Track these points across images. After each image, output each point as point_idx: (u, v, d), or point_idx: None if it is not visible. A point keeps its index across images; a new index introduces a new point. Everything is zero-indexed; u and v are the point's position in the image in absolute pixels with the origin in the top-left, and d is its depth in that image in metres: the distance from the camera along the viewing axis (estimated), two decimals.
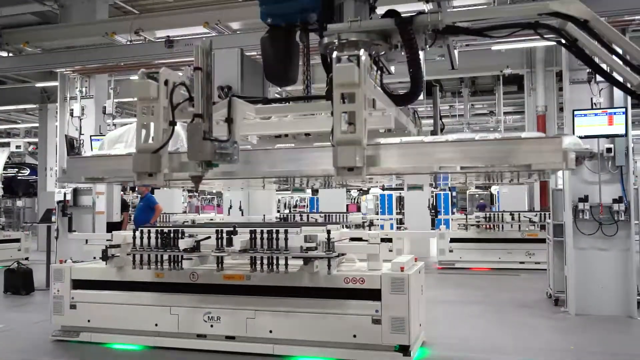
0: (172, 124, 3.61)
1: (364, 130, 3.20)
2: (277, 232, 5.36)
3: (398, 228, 15.62)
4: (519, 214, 12.59)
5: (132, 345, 6.11)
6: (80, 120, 9.49)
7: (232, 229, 5.50)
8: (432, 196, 19.76)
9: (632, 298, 7.42)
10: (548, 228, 8.74)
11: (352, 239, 6.32)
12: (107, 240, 6.25)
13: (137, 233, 5.82)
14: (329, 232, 5.35)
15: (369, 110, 3.39)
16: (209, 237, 5.62)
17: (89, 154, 5.20)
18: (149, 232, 5.80)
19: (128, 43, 8.37)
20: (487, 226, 12.74)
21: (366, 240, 5.92)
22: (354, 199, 33.20)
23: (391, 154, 3.52)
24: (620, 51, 3.77)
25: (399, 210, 19.94)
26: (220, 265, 5.56)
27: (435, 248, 13.66)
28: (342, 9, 3.92)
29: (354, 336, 5.44)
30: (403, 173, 4.17)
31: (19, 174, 15.30)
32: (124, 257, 6.04)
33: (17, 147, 13.96)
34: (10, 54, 9.14)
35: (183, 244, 5.53)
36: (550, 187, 8.95)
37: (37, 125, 18.61)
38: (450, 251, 12.82)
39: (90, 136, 9.47)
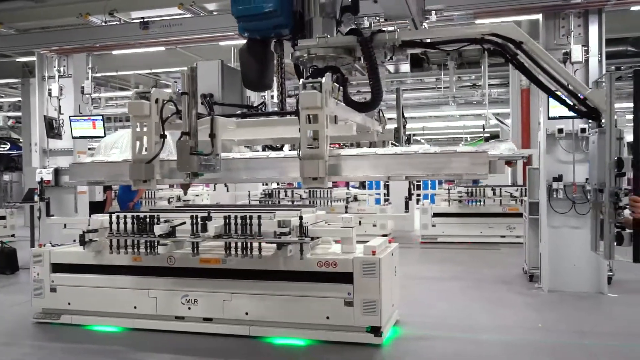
0: (163, 136, 4.19)
1: (326, 145, 3.77)
2: (251, 217, 5.44)
3: (386, 202, 15.77)
4: (500, 189, 12.74)
5: (112, 327, 6.23)
6: (59, 100, 9.41)
7: (206, 214, 5.57)
8: None
9: (602, 275, 7.62)
10: (525, 205, 8.88)
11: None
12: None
13: (114, 218, 5.88)
14: (301, 217, 5.43)
15: (331, 127, 3.99)
16: (184, 223, 5.69)
17: (89, 159, 5.45)
18: (125, 217, 5.86)
19: (103, 24, 8.28)
20: (469, 201, 12.90)
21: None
22: None
23: (349, 164, 4.08)
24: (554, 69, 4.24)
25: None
26: (195, 250, 5.64)
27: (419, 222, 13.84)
28: (312, 24, 4.37)
29: (327, 318, 5.58)
30: (360, 180, 4.84)
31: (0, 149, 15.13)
32: (102, 241, 6.11)
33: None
34: None
35: (158, 229, 5.60)
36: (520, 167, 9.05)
37: (20, 99, 18.41)
38: (433, 226, 12.99)
39: (70, 116, 9.42)
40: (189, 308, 5.99)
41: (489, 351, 5.46)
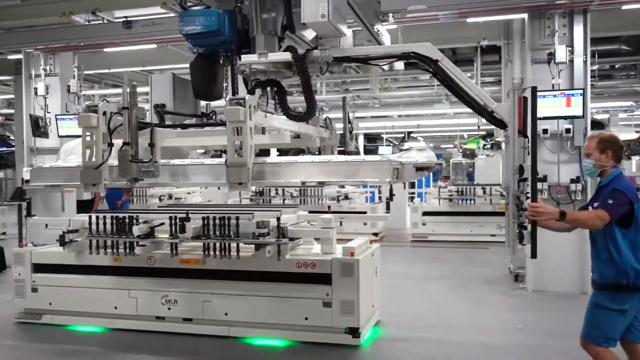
0: (110, 145, 4.57)
1: (249, 154, 4.22)
2: (229, 218, 5.43)
3: (380, 199, 15.75)
4: (490, 188, 12.73)
5: (93, 327, 6.24)
6: (45, 98, 9.38)
7: (184, 215, 5.56)
8: None
9: (586, 275, 7.60)
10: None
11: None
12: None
13: (93, 219, 5.87)
14: (278, 218, 5.42)
15: (263, 136, 4.68)
16: (163, 224, 5.68)
17: (48, 165, 5.77)
18: (105, 217, 5.85)
19: (86, 23, 8.25)
20: (460, 199, 12.90)
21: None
22: None
23: (271, 170, 4.49)
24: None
25: None
26: (175, 251, 5.63)
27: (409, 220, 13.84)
28: (255, 40, 4.74)
29: (306, 318, 5.59)
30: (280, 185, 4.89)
31: None
32: (82, 241, 6.10)
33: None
34: None
35: (137, 230, 5.59)
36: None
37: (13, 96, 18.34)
38: (423, 224, 13.00)
39: (56, 115, 9.40)
40: (169, 308, 5.99)
41: (466, 353, 5.47)
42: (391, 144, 27.88)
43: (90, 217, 5.91)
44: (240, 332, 5.80)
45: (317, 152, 6.27)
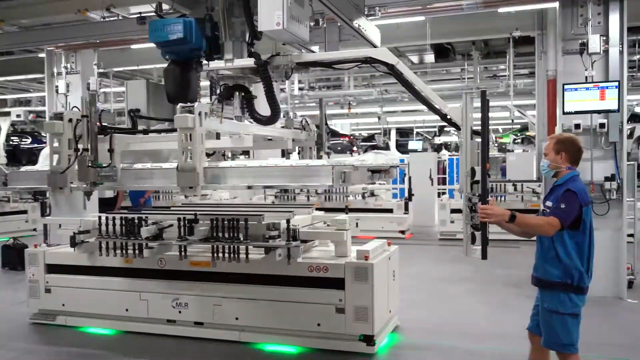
0: (76, 150, 4.77)
1: (199, 159, 4.38)
2: (238, 220, 5.24)
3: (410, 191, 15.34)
4: (522, 184, 12.24)
5: (105, 330, 6.15)
6: (66, 97, 9.39)
7: (193, 216, 5.39)
8: (442, 161, 19.34)
9: (622, 279, 7.18)
10: (540, 206, 8.45)
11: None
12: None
13: (103, 219, 5.76)
14: (288, 220, 5.20)
15: (213, 143, 4.95)
16: (171, 225, 5.53)
17: (24, 168, 6.15)
18: (114, 218, 5.73)
19: (102, 20, 8.17)
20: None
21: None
22: None
23: (223, 174, 4.64)
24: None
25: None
26: (184, 254, 5.47)
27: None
28: (224, 46, 4.91)
29: (318, 325, 5.36)
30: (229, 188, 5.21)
31: (22, 142, 15.37)
32: (93, 242, 6.00)
33: (18, 116, 13.91)
34: None
35: (145, 232, 5.44)
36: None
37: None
38: (452, 222, 12.58)
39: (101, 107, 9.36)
40: (180, 312, 5.85)
41: None
42: (423, 138, 27.40)
43: (99, 218, 5.80)
44: (251, 338, 5.61)
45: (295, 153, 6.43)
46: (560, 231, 3.53)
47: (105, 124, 4.99)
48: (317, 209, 12.87)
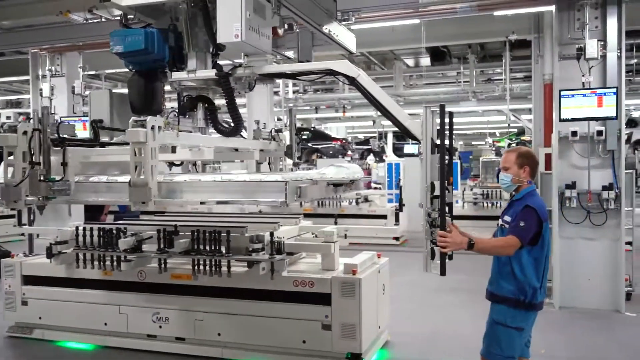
0: (32, 163, 4.63)
1: (151, 174, 4.23)
2: (219, 232, 5.00)
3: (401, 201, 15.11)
4: None
5: (84, 344, 5.91)
6: (51, 100, 9.14)
7: (173, 228, 5.16)
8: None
9: (620, 291, 6.96)
10: None
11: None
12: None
13: (80, 230, 5.52)
14: (271, 233, 4.97)
15: (162, 157, 4.64)
16: (151, 237, 5.29)
17: None
18: (92, 229, 5.49)
19: (84, 22, 7.94)
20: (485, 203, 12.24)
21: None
22: (367, 165, 32.59)
23: (178, 188, 4.54)
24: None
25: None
26: (163, 267, 5.24)
27: None
28: (188, 57, 4.82)
29: (304, 342, 5.13)
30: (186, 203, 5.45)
31: None
32: (71, 254, 5.76)
33: (8, 117, 13.59)
34: None
35: (123, 244, 5.21)
36: (540, 169, 8.36)
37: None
38: None
39: (61, 117, 9.13)
40: (160, 326, 5.61)
41: None
42: (419, 143, 27.14)
43: (76, 229, 5.55)
44: (234, 354, 5.37)
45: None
46: (520, 249, 3.50)
47: (64, 136, 4.86)
48: (309, 214, 12.85)
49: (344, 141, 19.45)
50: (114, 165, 5.04)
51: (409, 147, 22.92)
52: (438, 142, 4.01)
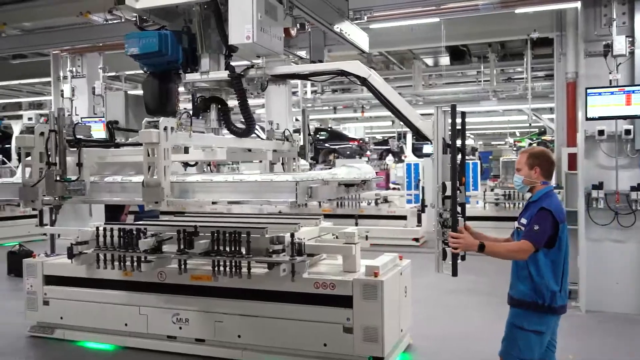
0: (48, 164, 4.68)
1: (164, 174, 4.28)
2: (239, 233, 4.95)
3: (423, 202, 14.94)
4: None
5: (104, 345, 5.91)
6: (72, 101, 9.18)
7: (193, 229, 5.12)
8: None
9: None
10: None
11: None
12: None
13: (100, 231, 5.51)
14: (292, 235, 4.90)
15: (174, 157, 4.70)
16: (170, 238, 5.26)
17: (1, 180, 5.98)
18: (112, 230, 5.48)
19: (104, 23, 7.95)
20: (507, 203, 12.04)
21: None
22: (385, 166, 32.32)
23: (190, 188, 4.50)
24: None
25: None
26: (183, 268, 5.21)
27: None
28: (201, 59, 4.88)
29: (325, 345, 5.06)
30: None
31: None
32: (91, 254, 5.75)
33: (29, 119, 13.77)
34: None
35: (143, 244, 5.18)
36: (563, 170, 8.19)
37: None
38: None
39: (81, 118, 9.18)
40: (180, 328, 5.58)
41: None
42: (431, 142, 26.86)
43: (97, 229, 5.55)
44: (254, 357, 5.32)
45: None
46: (535, 252, 3.43)
47: (80, 137, 4.90)
48: (329, 215, 12.77)
49: (361, 141, 19.29)
50: (131, 166, 5.04)
51: (428, 148, 22.73)
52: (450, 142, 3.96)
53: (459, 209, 3.81)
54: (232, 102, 5.10)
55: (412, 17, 11.34)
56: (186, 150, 4.90)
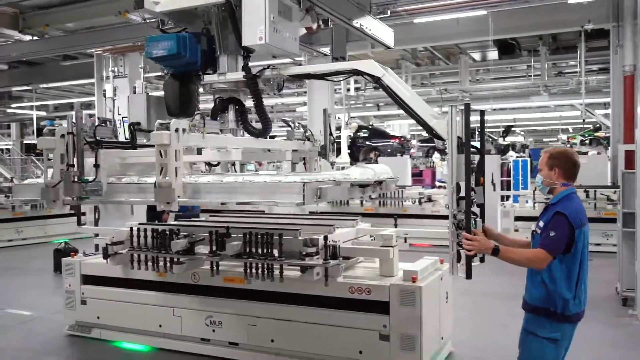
0: (69, 165, 4.76)
1: (175, 175, 4.30)
2: (272, 235, 4.79)
3: None
4: (595, 191, 11.22)
5: (140, 345, 5.88)
6: (114, 100, 9.28)
7: (225, 230, 5.00)
8: (507, 163, 18.23)
9: None
10: (618, 215, 7.56)
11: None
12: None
13: (134, 231, 5.47)
14: (325, 237, 4.70)
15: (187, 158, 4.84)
16: (203, 239, 5.16)
17: (28, 181, 6.28)
18: (145, 230, 5.42)
19: (142, 22, 7.95)
20: None
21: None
22: (431, 163, 31.60)
23: (201, 189, 4.50)
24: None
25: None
26: (215, 270, 5.10)
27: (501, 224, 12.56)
28: (219, 60, 4.96)
29: (360, 352, 4.85)
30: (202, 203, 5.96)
31: None
32: (126, 254, 5.73)
33: (92, 116, 14.06)
34: (35, 37, 9.00)
35: (175, 245, 5.10)
36: (620, 168, 7.68)
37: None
38: (516, 230, 11.70)
39: (122, 117, 9.24)
40: (214, 330, 5.48)
41: None
42: (487, 140, 26.13)
43: (131, 230, 5.51)
44: None
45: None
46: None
47: (100, 138, 4.98)
48: (370, 214, 12.51)
49: (402, 139, 18.91)
50: (153, 166, 5.06)
51: (475, 144, 22.09)
52: (472, 142, 3.92)
53: (477, 210, 3.75)
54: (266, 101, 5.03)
55: (457, 9, 10.98)
56: (199, 152, 4.93)
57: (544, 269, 3.32)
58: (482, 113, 3.90)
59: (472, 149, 3.89)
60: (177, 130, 4.29)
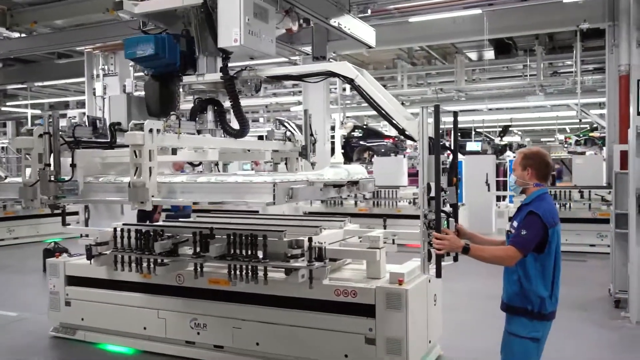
0: (45, 165, 4.70)
1: (149, 175, 4.29)
2: (256, 237, 4.70)
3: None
4: (589, 191, 11.14)
5: (124, 348, 5.79)
6: (103, 99, 9.17)
7: (209, 231, 4.91)
8: (503, 163, 18.14)
9: None
10: (611, 216, 7.49)
11: None
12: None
13: (118, 232, 5.37)
14: (310, 239, 4.61)
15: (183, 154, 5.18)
16: (187, 240, 5.07)
17: (9, 180, 6.32)
18: (129, 231, 5.33)
19: (131, 19, 7.81)
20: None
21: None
22: None
23: (175, 189, 4.48)
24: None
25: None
26: (199, 272, 5.01)
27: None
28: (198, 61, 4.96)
29: (346, 356, 4.77)
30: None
31: None
32: (110, 255, 5.63)
33: (72, 117, 13.97)
34: (23, 35, 8.89)
35: (158, 247, 5.01)
36: (614, 169, 7.60)
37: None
38: None
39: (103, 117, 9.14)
40: (198, 333, 5.39)
41: None
42: (483, 140, 26.04)
43: (115, 230, 5.42)
44: None
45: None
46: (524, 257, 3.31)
47: (79, 138, 4.94)
48: (364, 215, 12.43)
49: (396, 139, 18.81)
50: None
51: (472, 145, 22.02)
52: (450, 143, 3.85)
53: (450, 209, 3.79)
54: (249, 102, 4.97)
55: (453, 8, 10.90)
56: (174, 152, 4.94)
57: (520, 267, 3.34)
58: (455, 114, 3.93)
59: (448, 150, 3.99)
60: (151, 130, 4.28)
